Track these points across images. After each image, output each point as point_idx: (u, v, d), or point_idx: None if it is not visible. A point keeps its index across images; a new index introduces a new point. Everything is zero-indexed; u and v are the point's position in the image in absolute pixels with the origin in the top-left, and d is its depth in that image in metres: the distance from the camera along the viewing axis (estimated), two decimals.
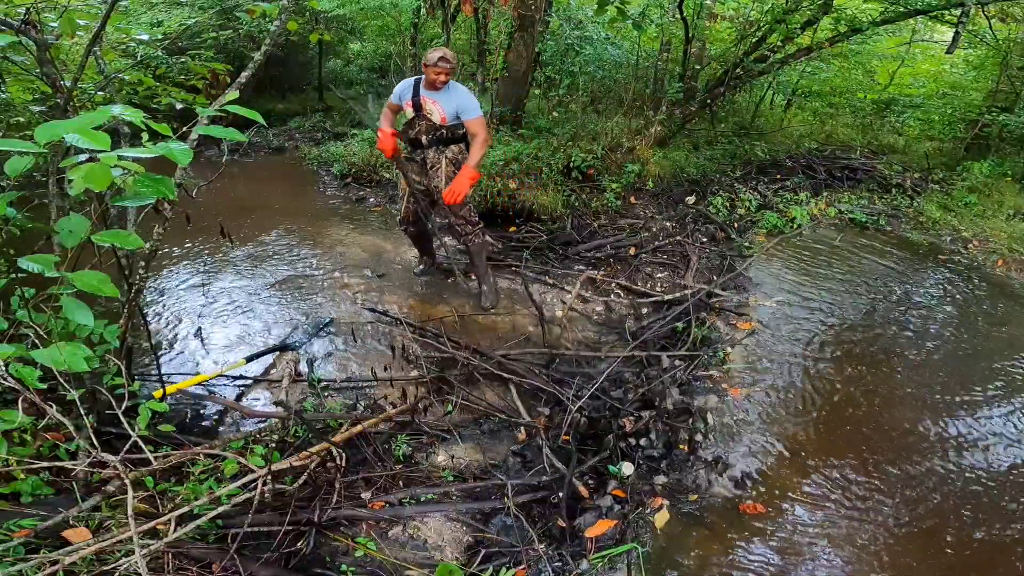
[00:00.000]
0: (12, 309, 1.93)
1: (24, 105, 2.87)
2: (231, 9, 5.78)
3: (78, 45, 3.42)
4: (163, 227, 2.11)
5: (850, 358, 3.34)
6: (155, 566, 1.68)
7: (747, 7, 6.13)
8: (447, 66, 3.07)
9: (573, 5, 6.14)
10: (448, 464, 2.46)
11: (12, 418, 1.52)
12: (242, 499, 1.85)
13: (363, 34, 9.67)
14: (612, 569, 1.97)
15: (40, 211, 2.33)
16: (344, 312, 3.50)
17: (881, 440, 2.73)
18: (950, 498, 2.44)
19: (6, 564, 1.51)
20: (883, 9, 5.30)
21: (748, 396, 2.95)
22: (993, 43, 6.22)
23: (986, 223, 5.35)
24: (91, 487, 2.00)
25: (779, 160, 6.63)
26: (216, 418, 2.69)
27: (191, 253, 4.15)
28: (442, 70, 3.07)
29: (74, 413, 2.00)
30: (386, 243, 4.45)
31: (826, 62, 7.23)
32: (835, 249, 4.78)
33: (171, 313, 3.44)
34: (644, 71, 6.95)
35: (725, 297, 3.80)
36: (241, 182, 5.73)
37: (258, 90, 8.10)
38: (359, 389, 2.89)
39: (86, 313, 1.16)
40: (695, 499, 2.32)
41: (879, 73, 8.37)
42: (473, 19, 5.89)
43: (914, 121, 7.98)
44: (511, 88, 5.46)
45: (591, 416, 2.69)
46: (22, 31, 1.89)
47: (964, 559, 2.18)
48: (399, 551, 2.03)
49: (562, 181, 5.08)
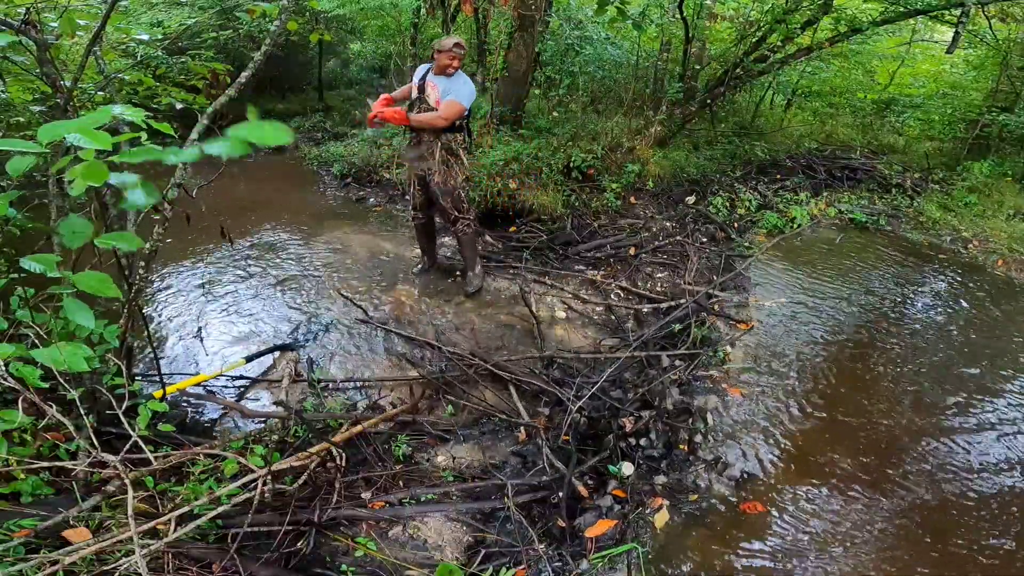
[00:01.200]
0: (12, 309, 1.92)
1: (24, 105, 2.87)
2: (231, 9, 5.77)
3: (78, 45, 3.42)
4: (163, 228, 2.11)
5: (850, 358, 3.35)
6: (155, 566, 1.67)
7: (747, 7, 6.12)
8: (461, 52, 3.08)
9: (573, 5, 6.14)
10: (448, 464, 2.46)
11: (12, 418, 1.52)
12: (242, 499, 1.85)
13: (363, 34, 9.66)
14: (612, 569, 1.97)
15: (40, 211, 2.33)
16: (344, 312, 3.50)
17: (880, 440, 2.73)
18: (950, 498, 2.44)
19: (6, 564, 1.51)
20: (883, 9, 5.30)
21: (748, 396, 2.95)
22: (993, 43, 6.21)
23: (986, 223, 5.35)
24: (91, 487, 2.00)
25: (779, 160, 6.63)
26: (216, 418, 2.69)
27: (191, 253, 4.14)
28: (456, 55, 3.08)
29: (74, 413, 2.00)
30: (386, 243, 4.45)
31: (826, 62, 7.23)
32: (835, 249, 4.78)
33: (171, 313, 3.44)
34: (644, 71, 6.94)
35: (725, 297, 3.80)
36: (241, 182, 5.73)
37: (258, 90, 8.10)
38: (359, 389, 2.89)
39: (87, 314, 1.16)
40: (695, 499, 2.32)
41: (879, 73, 8.36)
42: (473, 19, 5.89)
43: (914, 121, 7.98)
44: (511, 88, 5.45)
45: (591, 416, 2.69)
46: (22, 31, 1.89)
47: (964, 558, 2.18)
48: (399, 551, 2.03)
49: (562, 181, 5.08)
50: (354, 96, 9.43)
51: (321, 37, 4.69)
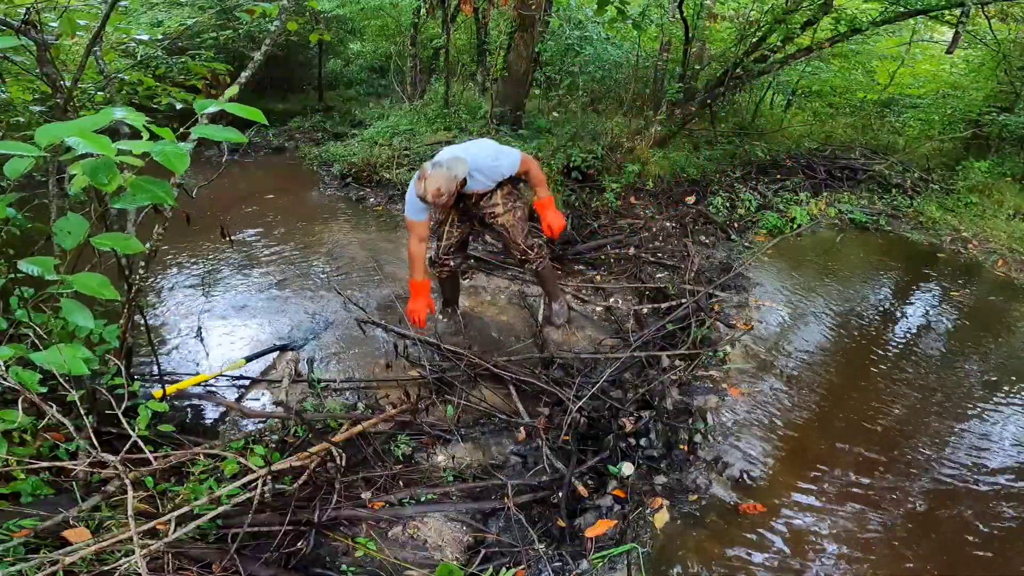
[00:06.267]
0: (12, 309, 1.93)
1: (24, 105, 2.87)
2: (231, 9, 5.78)
3: (78, 45, 3.42)
4: (163, 227, 2.11)
5: (849, 358, 3.35)
6: (155, 566, 1.68)
7: (747, 7, 6.12)
8: (443, 199, 2.58)
9: (573, 5, 6.14)
10: (448, 464, 2.46)
11: (12, 418, 1.52)
12: (242, 499, 1.85)
13: (363, 34, 9.67)
14: (612, 569, 1.97)
15: (40, 211, 2.34)
16: (344, 312, 3.50)
17: (881, 439, 2.73)
18: (951, 498, 2.44)
19: (6, 564, 1.51)
20: (883, 9, 5.30)
21: (748, 396, 2.95)
22: (993, 43, 6.21)
23: (986, 223, 5.35)
24: (91, 487, 2.00)
25: (779, 160, 6.63)
26: (216, 418, 2.69)
27: (191, 253, 4.15)
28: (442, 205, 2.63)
29: (74, 413, 2.00)
30: (386, 243, 4.45)
31: (826, 62, 7.22)
32: (835, 249, 4.78)
33: (171, 313, 3.44)
34: (644, 71, 6.94)
35: (725, 297, 3.80)
36: (241, 182, 5.74)
37: (258, 90, 8.12)
38: (359, 389, 2.89)
39: (86, 315, 1.16)
40: (695, 499, 2.32)
41: (879, 73, 8.35)
42: (473, 19, 5.89)
43: (914, 121, 7.98)
44: (511, 88, 5.46)
45: (591, 416, 2.69)
46: (22, 31, 1.89)
47: (964, 558, 2.18)
48: (399, 551, 2.03)
49: (562, 181, 5.08)
50: (354, 96, 9.45)
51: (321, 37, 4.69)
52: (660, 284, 3.96)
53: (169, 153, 0.97)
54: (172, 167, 0.97)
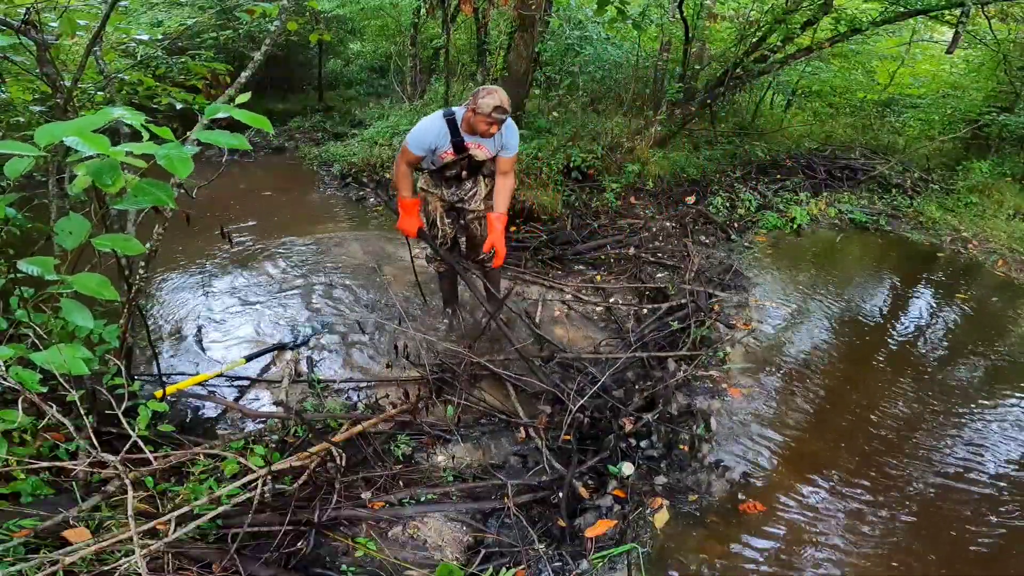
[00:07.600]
0: (12, 309, 1.93)
1: (24, 105, 2.87)
2: (231, 9, 5.78)
3: (78, 45, 3.42)
4: (163, 227, 2.11)
5: (849, 358, 3.35)
6: (155, 566, 1.68)
7: (747, 7, 6.12)
8: (502, 117, 2.60)
9: (573, 5, 6.14)
10: (448, 464, 2.46)
11: (12, 418, 1.52)
12: (242, 499, 1.85)
13: (363, 34, 9.67)
14: (612, 569, 1.97)
15: (40, 211, 2.34)
16: (343, 312, 3.50)
17: (880, 440, 2.73)
18: (951, 498, 2.44)
19: (6, 564, 1.51)
20: (883, 9, 5.30)
21: (748, 396, 2.95)
22: (993, 43, 6.21)
23: (986, 223, 5.35)
24: (91, 487, 2.00)
25: (779, 160, 6.63)
26: (216, 418, 2.69)
27: (191, 253, 4.14)
28: (495, 121, 2.61)
29: (74, 413, 2.00)
30: (386, 243, 4.44)
31: (826, 62, 7.23)
32: (835, 249, 4.78)
33: (171, 313, 3.44)
34: (644, 71, 6.94)
35: (725, 297, 3.80)
36: (241, 182, 5.74)
37: (258, 90, 8.09)
38: (359, 389, 2.89)
39: (85, 315, 1.16)
40: (695, 499, 2.32)
41: (879, 73, 8.35)
42: (473, 19, 5.89)
43: (914, 121, 7.98)
44: (511, 88, 5.45)
45: (592, 416, 2.69)
46: (22, 31, 1.89)
47: (964, 557, 2.18)
48: (399, 551, 2.03)
49: (562, 181, 5.08)
50: (354, 96, 9.44)
51: (321, 37, 4.69)
52: (660, 284, 3.96)
53: (174, 157, 0.98)
54: (176, 171, 0.97)
